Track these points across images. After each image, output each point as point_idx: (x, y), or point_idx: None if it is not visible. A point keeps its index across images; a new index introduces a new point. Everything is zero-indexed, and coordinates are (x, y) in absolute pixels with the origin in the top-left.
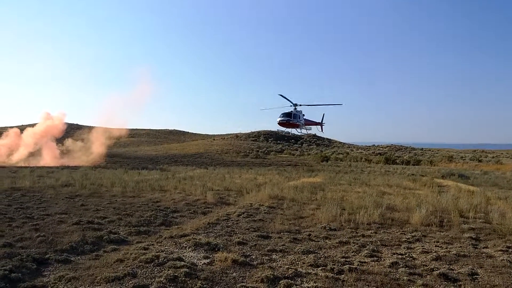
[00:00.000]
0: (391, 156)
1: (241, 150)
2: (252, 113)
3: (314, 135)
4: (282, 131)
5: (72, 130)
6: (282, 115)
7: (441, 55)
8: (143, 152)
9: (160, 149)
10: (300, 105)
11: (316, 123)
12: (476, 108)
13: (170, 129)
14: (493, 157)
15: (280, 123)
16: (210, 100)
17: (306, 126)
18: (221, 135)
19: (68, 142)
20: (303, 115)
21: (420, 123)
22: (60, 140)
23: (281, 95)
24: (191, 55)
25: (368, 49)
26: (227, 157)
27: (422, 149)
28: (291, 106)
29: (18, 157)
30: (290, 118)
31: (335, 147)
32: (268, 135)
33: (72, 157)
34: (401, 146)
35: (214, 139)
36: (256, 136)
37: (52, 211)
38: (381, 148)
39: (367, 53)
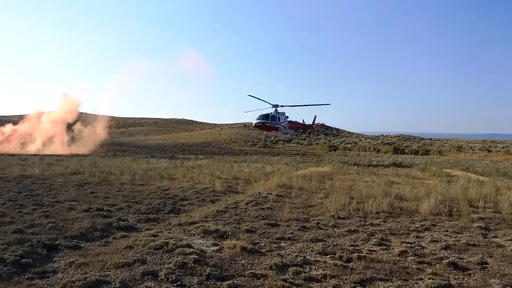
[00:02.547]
0: (399, 146)
1: (249, 139)
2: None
3: (323, 125)
4: (263, 134)
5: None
6: (258, 117)
7: (449, 46)
8: (152, 141)
9: (168, 138)
10: (282, 106)
11: (304, 126)
12: (486, 98)
13: (178, 118)
14: (502, 147)
15: (256, 126)
16: (220, 88)
17: (289, 130)
18: (229, 124)
19: (78, 127)
20: (287, 117)
21: (429, 114)
22: (69, 126)
23: (250, 95)
24: (205, 42)
25: (376, 42)
26: (235, 146)
27: (431, 139)
28: (271, 107)
29: (35, 148)
30: (267, 121)
31: (343, 137)
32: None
33: (81, 145)
34: (410, 136)
35: (222, 128)
36: None
37: (62, 198)
38: (390, 138)
39: (375, 46)
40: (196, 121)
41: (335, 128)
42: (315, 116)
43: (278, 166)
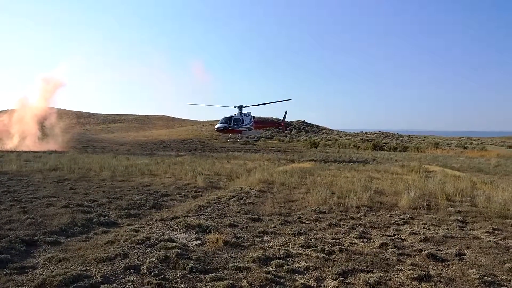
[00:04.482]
0: (379, 143)
1: (230, 136)
2: (246, 101)
3: (304, 122)
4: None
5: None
6: (221, 121)
7: (428, 41)
8: (132, 138)
9: (149, 135)
10: (246, 106)
11: (273, 124)
12: (462, 96)
13: (159, 114)
14: (478, 144)
15: (218, 130)
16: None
17: (254, 131)
18: (210, 121)
19: (51, 121)
20: (252, 117)
21: (407, 111)
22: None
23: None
24: (188, 37)
25: (354, 40)
26: (217, 143)
27: (409, 136)
28: (234, 108)
29: (12, 145)
30: (229, 124)
31: (324, 134)
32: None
33: (55, 142)
34: (388, 133)
35: (203, 125)
36: None
37: (41, 195)
38: (369, 135)
39: (355, 45)
40: (177, 117)
41: (316, 125)
42: (286, 112)
43: (259, 162)
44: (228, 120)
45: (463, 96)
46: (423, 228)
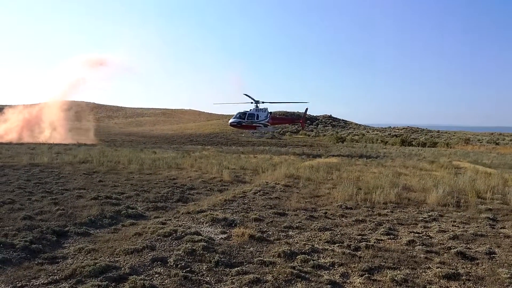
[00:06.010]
0: (407, 138)
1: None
2: (269, 95)
3: (330, 116)
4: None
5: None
6: (235, 116)
7: (458, 35)
8: (159, 131)
9: (176, 129)
10: (263, 102)
11: (291, 120)
12: (494, 90)
13: (186, 108)
14: (510, 140)
15: (231, 125)
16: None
17: (270, 128)
18: None
19: (81, 114)
20: (270, 113)
21: (437, 106)
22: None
23: (245, 95)
24: (211, 33)
25: (383, 34)
26: (243, 137)
27: (438, 131)
28: (252, 103)
29: (44, 138)
30: (243, 120)
31: (350, 129)
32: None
33: (82, 134)
34: (417, 128)
35: (229, 119)
36: None
37: (71, 186)
38: (397, 130)
39: (383, 39)
40: (204, 111)
41: (342, 120)
42: (306, 109)
43: (285, 157)
44: (242, 115)
45: (495, 90)
46: (452, 225)
